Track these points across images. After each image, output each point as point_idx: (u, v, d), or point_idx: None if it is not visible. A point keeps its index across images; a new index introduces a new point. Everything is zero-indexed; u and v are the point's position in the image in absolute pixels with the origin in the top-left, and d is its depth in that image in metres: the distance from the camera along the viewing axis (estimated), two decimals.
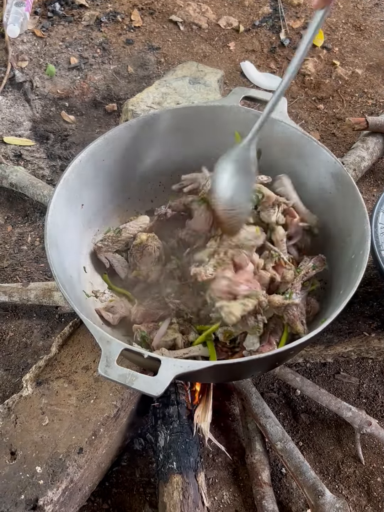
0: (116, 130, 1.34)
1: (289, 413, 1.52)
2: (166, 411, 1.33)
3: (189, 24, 2.48)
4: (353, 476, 1.42)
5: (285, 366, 1.48)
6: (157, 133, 1.38)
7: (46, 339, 1.62)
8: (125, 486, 1.39)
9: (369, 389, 1.56)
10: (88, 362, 1.33)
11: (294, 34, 2.47)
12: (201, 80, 1.96)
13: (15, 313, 1.67)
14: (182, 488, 1.22)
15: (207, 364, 0.97)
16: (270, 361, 1.13)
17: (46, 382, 1.29)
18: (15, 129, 2.10)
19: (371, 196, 1.96)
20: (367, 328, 1.43)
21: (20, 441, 1.19)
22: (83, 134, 2.11)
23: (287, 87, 1.12)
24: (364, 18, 2.56)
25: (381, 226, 1.33)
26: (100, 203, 1.39)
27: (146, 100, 1.87)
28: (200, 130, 1.39)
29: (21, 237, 1.83)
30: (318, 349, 1.43)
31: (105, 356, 0.95)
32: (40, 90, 2.22)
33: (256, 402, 1.41)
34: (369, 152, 1.93)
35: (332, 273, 1.30)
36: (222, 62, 2.37)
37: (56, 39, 2.40)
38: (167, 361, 0.95)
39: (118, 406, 1.26)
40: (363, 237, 1.15)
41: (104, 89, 2.25)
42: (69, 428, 1.21)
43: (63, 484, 1.16)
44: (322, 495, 1.26)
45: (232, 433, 1.48)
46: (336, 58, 2.40)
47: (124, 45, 2.40)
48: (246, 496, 1.39)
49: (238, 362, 1.02)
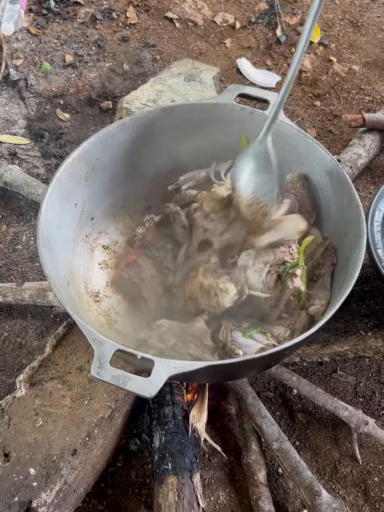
0: (110, 128, 1.32)
1: (286, 413, 1.51)
2: (161, 411, 1.32)
3: (185, 21, 2.46)
4: (350, 475, 1.41)
5: (281, 365, 1.47)
6: (151, 131, 1.37)
7: (41, 339, 1.61)
8: (121, 487, 1.38)
9: (366, 388, 1.55)
10: (82, 362, 1.32)
11: (290, 30, 2.45)
12: (197, 78, 1.94)
13: (10, 313, 1.66)
14: (177, 489, 1.21)
15: (201, 365, 0.95)
16: (265, 361, 1.12)
17: (40, 383, 1.28)
18: (9, 127, 2.09)
19: (368, 193, 1.95)
20: (364, 327, 1.42)
21: (14, 443, 1.18)
22: (78, 132, 2.09)
23: (297, 70, 1.08)
24: (361, 14, 2.55)
25: (377, 224, 1.33)
26: (94, 202, 1.37)
27: (141, 98, 1.86)
28: (195, 127, 1.38)
29: (15, 237, 1.82)
30: (314, 348, 1.43)
31: (98, 357, 0.94)
32: (35, 88, 2.21)
33: (252, 401, 1.40)
34: (366, 149, 1.91)
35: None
36: (218, 59, 2.35)
37: (51, 37, 2.38)
38: (161, 361, 0.94)
39: (112, 407, 1.25)
40: (359, 235, 1.14)
41: (99, 87, 2.23)
42: (63, 429, 1.21)
43: (57, 485, 1.15)
44: (318, 495, 1.25)
45: (228, 433, 1.48)
46: (332, 54, 2.39)
47: (120, 43, 2.38)
48: (243, 496, 1.38)
49: (233, 363, 1.01)
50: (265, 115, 1.32)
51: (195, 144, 1.40)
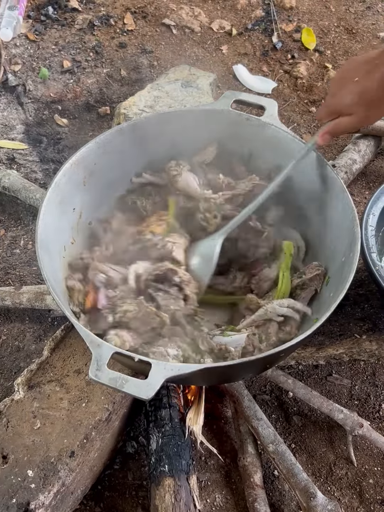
0: (107, 133, 1.34)
1: (281, 415, 1.52)
2: (158, 414, 1.33)
3: (182, 28, 2.48)
4: (345, 478, 1.43)
5: (277, 368, 1.48)
6: (148, 137, 1.39)
7: (39, 343, 1.62)
8: (118, 489, 1.39)
9: (361, 391, 1.56)
10: (80, 365, 1.33)
11: (286, 37, 2.48)
12: (194, 84, 1.96)
13: (8, 316, 1.67)
14: (174, 491, 1.22)
15: (198, 367, 0.97)
16: (261, 364, 1.14)
17: (38, 385, 1.29)
18: (8, 132, 2.10)
19: (363, 198, 1.97)
20: (358, 330, 1.43)
21: (12, 445, 1.19)
22: (76, 138, 2.11)
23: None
24: (356, 22, 2.57)
25: (371, 229, 1.34)
26: (92, 206, 1.39)
27: (138, 104, 1.88)
28: (191, 133, 1.39)
29: (13, 241, 1.83)
30: (309, 351, 1.44)
31: (96, 360, 0.95)
32: (33, 94, 2.22)
33: (248, 404, 1.41)
34: (361, 154, 1.93)
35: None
36: (215, 65, 2.38)
37: (49, 43, 2.40)
38: (158, 364, 0.95)
39: (110, 410, 1.26)
40: (353, 239, 1.16)
41: (97, 93, 2.25)
42: (60, 431, 1.22)
43: (55, 487, 1.16)
44: (314, 497, 1.26)
45: (225, 435, 1.49)
46: (328, 61, 2.41)
47: (117, 49, 2.40)
48: (239, 498, 1.39)
49: (228, 365, 1.02)
50: (260, 121, 1.35)
51: (192, 150, 1.42)
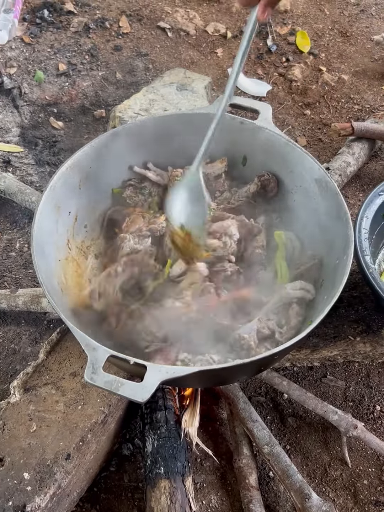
0: (102, 137, 1.35)
1: (277, 417, 1.53)
2: (154, 416, 1.34)
3: (177, 31, 2.49)
4: (339, 479, 1.44)
5: (272, 370, 1.49)
6: (143, 140, 1.40)
7: (35, 345, 1.62)
8: (114, 491, 1.39)
9: (356, 392, 1.57)
10: (76, 368, 1.33)
11: (281, 40, 2.49)
12: (189, 87, 1.98)
13: (4, 319, 1.68)
14: (170, 493, 1.22)
15: (192, 370, 0.98)
16: (255, 366, 1.14)
17: (34, 388, 1.29)
18: (3, 135, 2.10)
19: (357, 201, 1.98)
20: (353, 332, 1.44)
21: (8, 448, 1.20)
22: (72, 140, 2.11)
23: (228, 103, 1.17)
24: (350, 25, 2.59)
25: (365, 232, 1.35)
26: (87, 210, 1.39)
27: (133, 107, 1.89)
28: (185, 137, 1.40)
29: (9, 244, 1.84)
30: (304, 353, 1.45)
31: (91, 363, 0.96)
32: (29, 97, 2.23)
33: (243, 406, 1.42)
34: (355, 157, 1.95)
35: (317, 278, 1.31)
36: (210, 68, 2.39)
37: (45, 46, 2.41)
38: (153, 367, 0.96)
39: (105, 412, 1.27)
40: (347, 242, 1.17)
41: (92, 96, 2.26)
42: (56, 434, 1.22)
43: (51, 490, 1.16)
44: (309, 498, 1.27)
45: (220, 437, 1.49)
46: (322, 64, 2.42)
47: (113, 52, 2.41)
48: (234, 500, 1.40)
49: (223, 368, 1.03)
50: (255, 124, 1.36)
51: (187, 153, 1.42)
